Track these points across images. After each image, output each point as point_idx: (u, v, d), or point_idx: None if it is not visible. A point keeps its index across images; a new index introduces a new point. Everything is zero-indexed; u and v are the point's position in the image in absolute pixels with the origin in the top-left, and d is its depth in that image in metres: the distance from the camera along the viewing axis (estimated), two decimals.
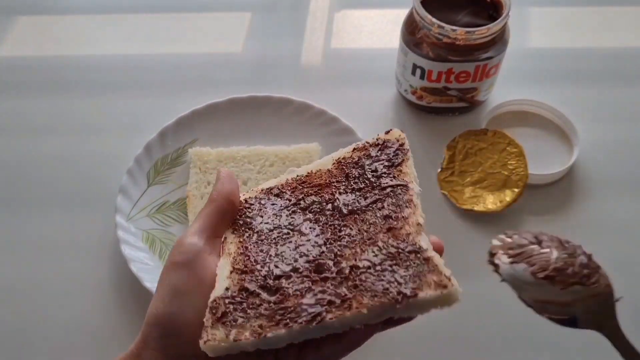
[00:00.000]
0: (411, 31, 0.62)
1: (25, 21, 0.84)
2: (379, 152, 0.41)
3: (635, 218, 0.61)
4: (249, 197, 0.41)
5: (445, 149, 0.65)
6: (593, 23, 0.82)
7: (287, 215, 0.39)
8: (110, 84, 0.75)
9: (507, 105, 0.68)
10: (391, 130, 0.42)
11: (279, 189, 0.41)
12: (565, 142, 0.66)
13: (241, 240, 0.38)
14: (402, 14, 0.64)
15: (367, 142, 0.42)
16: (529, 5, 0.82)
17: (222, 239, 0.38)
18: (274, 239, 0.38)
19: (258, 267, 0.36)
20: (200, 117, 0.66)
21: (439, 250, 0.34)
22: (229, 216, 0.39)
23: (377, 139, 0.42)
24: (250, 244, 0.38)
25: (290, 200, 0.40)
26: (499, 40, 0.61)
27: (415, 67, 0.63)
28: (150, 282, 0.54)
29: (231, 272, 0.36)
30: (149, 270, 0.55)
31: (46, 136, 0.69)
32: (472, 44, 0.59)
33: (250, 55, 0.79)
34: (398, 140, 0.41)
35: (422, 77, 0.64)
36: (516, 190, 0.61)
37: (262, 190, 0.41)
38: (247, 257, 0.37)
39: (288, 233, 0.38)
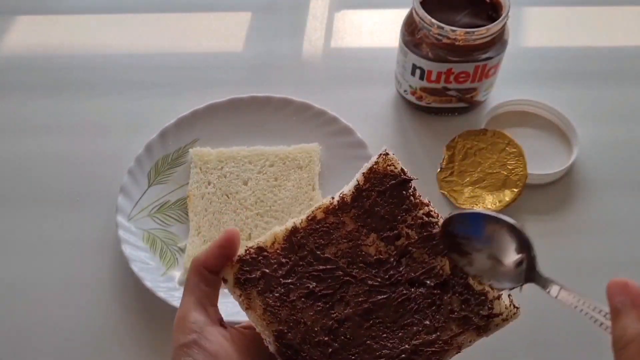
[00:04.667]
0: (411, 31, 0.62)
1: (25, 21, 0.84)
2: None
3: (634, 218, 0.61)
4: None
5: (444, 149, 0.65)
6: (593, 23, 0.82)
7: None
8: (111, 83, 0.75)
9: (507, 105, 0.68)
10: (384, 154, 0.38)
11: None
12: (565, 142, 0.66)
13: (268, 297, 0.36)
14: (401, 14, 0.64)
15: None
16: (529, 6, 0.82)
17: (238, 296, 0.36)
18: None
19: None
20: (201, 117, 0.66)
21: None
22: (215, 283, 0.36)
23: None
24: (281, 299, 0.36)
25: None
26: (498, 41, 0.61)
27: (414, 67, 0.63)
28: (151, 281, 0.54)
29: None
30: (149, 270, 0.55)
31: (46, 136, 0.70)
32: (472, 45, 0.59)
33: (250, 55, 0.79)
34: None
35: (421, 78, 0.64)
36: (515, 190, 0.61)
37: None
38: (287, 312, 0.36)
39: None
